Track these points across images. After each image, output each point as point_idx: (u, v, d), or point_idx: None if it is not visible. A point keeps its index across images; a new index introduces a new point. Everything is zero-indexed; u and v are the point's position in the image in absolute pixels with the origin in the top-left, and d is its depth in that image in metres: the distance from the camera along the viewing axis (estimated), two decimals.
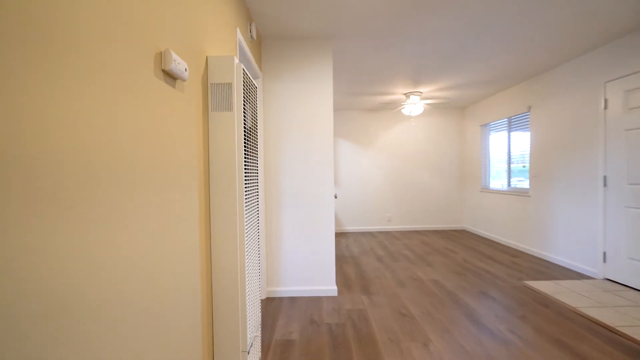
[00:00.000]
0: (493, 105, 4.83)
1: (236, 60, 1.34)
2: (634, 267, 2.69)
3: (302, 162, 2.73)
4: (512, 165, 4.55)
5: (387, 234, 5.52)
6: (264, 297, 2.71)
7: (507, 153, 4.61)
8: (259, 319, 1.78)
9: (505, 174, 4.70)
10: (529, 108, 4.00)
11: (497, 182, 4.91)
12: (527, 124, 4.10)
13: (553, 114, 3.61)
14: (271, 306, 2.55)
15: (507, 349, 1.87)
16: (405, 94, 4.66)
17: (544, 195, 3.76)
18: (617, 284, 2.83)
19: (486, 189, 5.04)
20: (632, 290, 2.69)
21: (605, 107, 2.94)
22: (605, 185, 2.95)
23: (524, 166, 4.29)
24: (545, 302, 2.53)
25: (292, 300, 2.66)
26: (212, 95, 1.32)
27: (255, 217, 1.66)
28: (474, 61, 3.37)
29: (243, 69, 1.37)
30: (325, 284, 2.76)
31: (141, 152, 0.82)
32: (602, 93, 2.97)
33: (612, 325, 2.09)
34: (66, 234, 0.57)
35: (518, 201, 4.25)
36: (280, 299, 2.69)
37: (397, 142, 5.80)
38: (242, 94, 1.36)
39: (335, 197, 3.05)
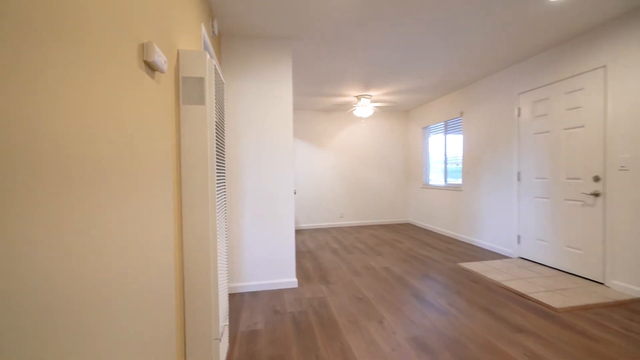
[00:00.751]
0: (432, 109, 5.39)
1: (208, 56, 1.38)
2: (540, 246, 3.29)
3: (264, 159, 2.79)
4: (448, 166, 5.13)
5: (340, 229, 5.78)
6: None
7: (444, 153, 5.19)
8: (227, 310, 1.82)
9: (442, 172, 5.27)
10: (461, 113, 4.58)
11: (436, 179, 5.49)
12: (460, 127, 4.67)
13: (480, 119, 4.19)
14: (233, 301, 2.56)
15: (446, 318, 2.18)
16: (357, 96, 4.95)
17: (473, 189, 4.34)
18: (528, 261, 3.42)
19: (427, 186, 5.59)
20: (539, 265, 3.28)
21: (519, 115, 3.54)
22: (519, 179, 3.55)
23: (457, 165, 4.87)
24: (476, 279, 2.96)
25: (254, 294, 2.70)
26: (184, 88, 1.35)
27: (224, 211, 1.70)
28: (417, 70, 3.76)
29: (215, 65, 1.42)
30: (286, 277, 2.85)
31: (120, 142, 0.85)
32: (516, 103, 3.56)
33: (524, 292, 2.55)
34: (31, 230, 0.51)
35: (453, 196, 4.82)
36: (242, 294, 2.72)
37: (349, 142, 6.11)
38: (214, 89, 1.41)
39: (295, 192, 3.16)
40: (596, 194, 2.70)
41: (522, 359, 1.70)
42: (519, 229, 3.55)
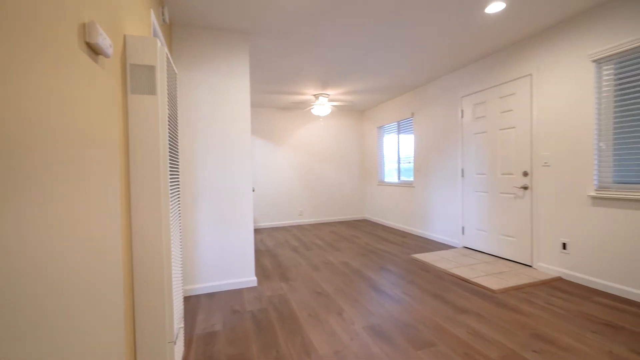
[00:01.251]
0: (386, 110, 5.65)
1: (159, 44, 1.31)
2: (480, 236, 3.63)
3: (221, 156, 2.70)
4: (401, 164, 5.42)
5: (299, 227, 5.80)
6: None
7: (397, 151, 5.47)
8: (182, 312, 1.74)
9: (396, 170, 5.56)
10: (412, 114, 4.87)
11: (391, 176, 5.77)
12: (412, 127, 4.96)
13: (429, 120, 4.49)
14: (189, 304, 2.45)
15: (400, 306, 2.32)
16: (314, 95, 5.01)
17: (424, 186, 4.64)
18: (471, 250, 3.76)
19: (382, 183, 5.85)
20: (480, 252, 3.62)
21: (462, 116, 3.87)
22: (463, 176, 3.88)
23: (409, 163, 5.17)
24: (427, 269, 3.17)
25: (211, 295, 2.61)
26: (132, 76, 1.26)
27: (177, 209, 1.62)
28: (371, 71, 3.92)
29: (166, 53, 1.35)
30: (245, 276, 2.80)
31: (58, 131, 0.78)
32: (459, 105, 3.89)
33: (467, 277, 2.80)
34: None
35: (406, 192, 5.11)
36: (198, 296, 2.61)
37: (308, 141, 6.15)
38: (166, 79, 1.34)
39: (253, 190, 3.11)
40: (525, 188, 3.07)
41: (465, 337, 1.87)
42: (463, 221, 3.88)
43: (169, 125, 1.41)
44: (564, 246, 2.74)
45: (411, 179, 5.10)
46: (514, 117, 3.17)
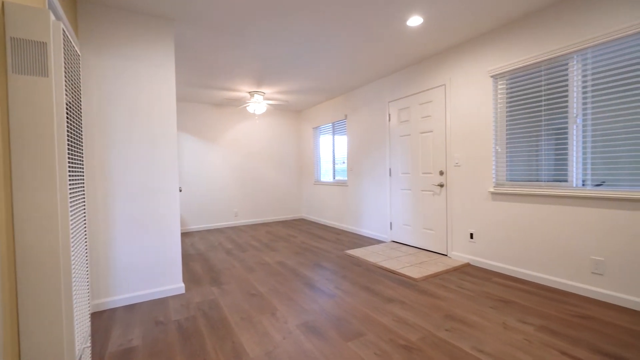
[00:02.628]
0: (322, 111, 5.79)
1: (53, 16, 1.12)
2: (406, 230, 3.96)
3: (141, 152, 2.43)
4: (336, 164, 5.61)
5: (234, 228, 5.58)
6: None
7: (332, 151, 5.65)
8: (89, 329, 1.51)
9: (331, 168, 5.73)
10: (346, 116, 5.08)
11: (327, 175, 5.92)
12: (345, 129, 5.17)
13: (361, 122, 4.74)
14: (100, 320, 2.15)
15: (333, 300, 2.39)
16: (250, 92, 4.87)
17: (356, 184, 4.88)
18: (398, 243, 4.07)
19: (318, 182, 5.98)
20: (406, 245, 3.95)
21: (389, 120, 4.17)
22: (390, 175, 4.19)
23: (343, 163, 5.38)
24: (358, 263, 3.34)
25: (130, 308, 2.33)
26: (14, 52, 1.05)
27: (82, 212, 1.40)
28: (306, 72, 3.97)
29: (63, 29, 1.16)
30: (170, 283, 2.57)
31: None
32: (387, 109, 4.19)
33: (394, 269, 3.03)
34: None
35: (340, 191, 5.30)
36: (113, 310, 2.31)
37: (244, 139, 5.95)
38: (63, 59, 1.15)
39: (180, 190, 2.88)
40: (441, 185, 3.44)
41: (390, 324, 2.02)
42: (391, 216, 4.19)
43: (69, 115, 1.21)
44: (471, 236, 3.16)
45: (345, 178, 5.31)
46: (432, 122, 3.54)
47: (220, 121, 5.71)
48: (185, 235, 5.10)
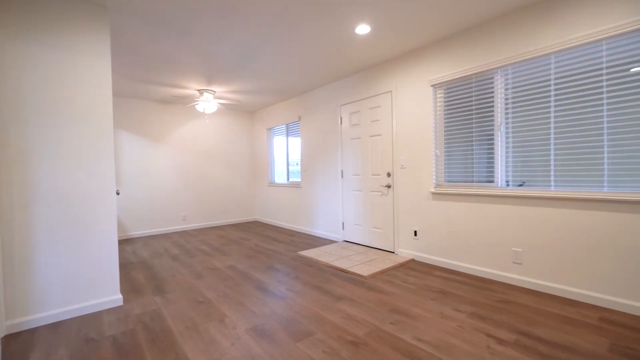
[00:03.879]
0: (275, 112, 5.75)
1: None
2: (357, 230, 4.11)
3: (71, 150, 2.19)
4: (290, 166, 5.61)
5: (183, 233, 5.28)
6: (1, 334, 1.96)
7: (286, 153, 5.64)
8: None
9: (285, 170, 5.72)
10: (300, 118, 5.11)
11: (281, 177, 5.89)
12: (299, 131, 5.20)
13: (314, 124, 4.81)
14: (15, 343, 1.89)
15: (284, 302, 2.40)
16: (199, 90, 4.66)
17: (310, 186, 4.93)
18: (350, 243, 4.20)
19: (272, 184, 5.92)
20: (357, 244, 4.09)
21: (341, 123, 4.30)
22: (342, 176, 4.31)
23: (297, 164, 5.41)
24: (311, 264, 3.38)
25: (55, 326, 2.09)
26: None
27: None
28: (258, 73, 3.92)
29: None
30: (105, 296, 2.36)
31: None
32: (339, 112, 4.31)
33: (345, 268, 3.13)
34: None
35: (294, 192, 5.32)
36: (33, 330, 2.04)
37: (193, 139, 5.66)
38: None
39: (118, 193, 2.65)
40: (388, 186, 3.64)
41: (340, 321, 2.08)
42: (343, 217, 4.31)
43: None
44: (415, 233, 3.38)
45: (299, 179, 5.34)
46: (380, 126, 3.72)
47: (167, 119, 5.37)
48: (126, 242, 4.70)
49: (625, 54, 2.07)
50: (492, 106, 2.75)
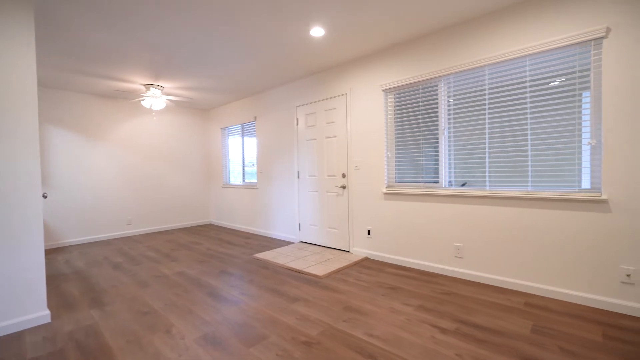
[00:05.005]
0: (230, 111, 5.57)
1: None
2: (313, 230, 4.14)
3: None
4: (245, 167, 5.47)
5: (127, 239, 4.87)
6: None
7: (242, 153, 5.50)
8: None
9: (241, 171, 5.56)
10: (255, 118, 5.01)
11: (236, 178, 5.72)
12: (255, 131, 5.10)
13: (270, 125, 4.75)
14: None
15: (237, 307, 2.33)
16: (145, 85, 4.34)
17: (266, 187, 4.86)
18: (306, 243, 4.22)
19: (227, 185, 5.73)
20: (313, 245, 4.12)
21: (297, 124, 4.30)
22: (298, 177, 4.32)
23: (253, 165, 5.30)
24: (266, 266, 3.33)
25: None
26: None
27: None
28: (211, 70, 3.76)
29: None
30: (28, 313, 2.08)
31: None
32: (295, 113, 4.31)
33: (300, 269, 3.13)
34: None
35: (250, 193, 5.20)
36: None
37: (139, 137, 5.25)
38: None
39: (45, 196, 2.37)
40: (343, 187, 3.72)
41: (294, 323, 2.08)
42: (300, 217, 4.32)
43: None
44: (369, 232, 3.50)
45: (255, 180, 5.23)
46: (336, 127, 3.80)
47: (109, 115, 4.92)
48: (57, 251, 4.21)
49: (545, 69, 2.35)
50: (437, 112, 2.95)
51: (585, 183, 2.22)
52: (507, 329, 1.93)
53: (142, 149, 5.30)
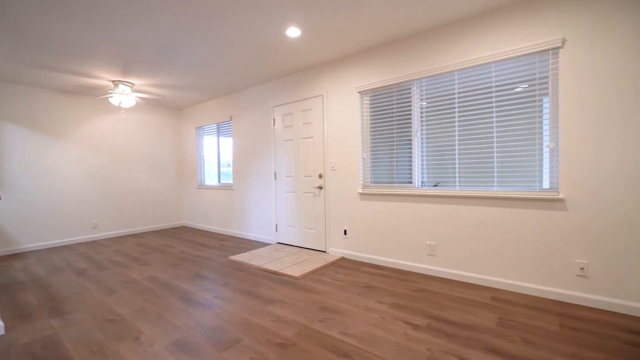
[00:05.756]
0: (206, 110, 5.44)
1: None
2: (290, 231, 4.12)
3: None
4: (221, 167, 5.36)
5: (93, 243, 4.62)
6: None
7: (217, 153, 5.38)
8: None
9: (216, 171, 5.44)
10: (231, 118, 4.92)
11: (211, 179, 5.58)
12: (231, 131, 5.00)
13: (246, 125, 4.68)
14: None
15: (211, 311, 2.27)
16: (113, 81, 4.14)
17: (243, 188, 4.78)
18: (283, 245, 4.19)
19: (202, 186, 5.58)
20: (290, 246, 4.10)
21: (274, 124, 4.27)
22: (275, 178, 4.28)
23: (229, 166, 5.19)
24: (242, 268, 3.27)
25: None
26: None
27: None
28: (185, 68, 3.65)
29: None
30: None
31: None
32: (272, 114, 4.27)
33: (276, 270, 3.11)
34: None
35: (226, 194, 5.09)
36: None
37: (106, 136, 4.99)
38: None
39: None
40: (320, 187, 3.74)
41: (269, 325, 2.06)
42: (277, 218, 4.28)
43: None
44: (345, 232, 3.54)
45: (231, 181, 5.13)
46: (313, 128, 3.81)
47: (72, 113, 4.64)
48: (14, 257, 3.91)
49: (509, 75, 2.49)
50: (410, 114, 3.04)
51: (546, 183, 2.37)
52: (475, 322, 2.02)
53: (111, 148, 5.05)
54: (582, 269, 2.21)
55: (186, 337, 1.92)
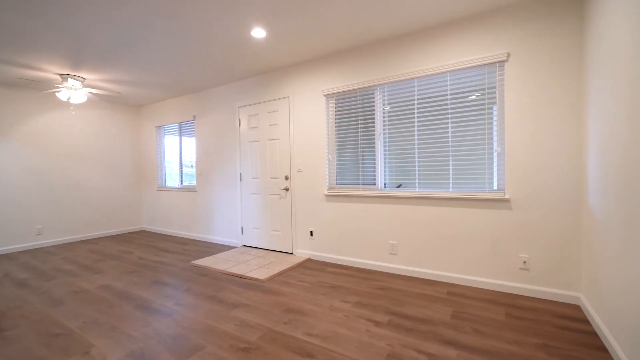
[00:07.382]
0: (167, 109, 5.20)
1: None
2: (256, 233, 4.07)
3: None
4: (184, 170, 5.15)
5: (37, 251, 4.21)
6: None
7: (179, 154, 5.16)
8: None
9: (178, 173, 5.22)
10: (195, 117, 4.76)
11: (173, 180, 5.34)
12: (194, 131, 4.83)
13: (210, 125, 4.55)
14: None
15: (171, 319, 2.18)
16: (61, 75, 3.82)
17: (207, 190, 4.64)
18: (249, 247, 4.13)
19: (163, 188, 5.32)
20: (256, 248, 4.05)
21: (240, 125, 4.19)
22: (241, 180, 4.21)
23: (192, 167, 5.01)
24: (205, 273, 3.17)
25: None
26: None
27: None
28: (143, 64, 3.47)
29: None
30: None
31: None
32: (237, 114, 4.20)
33: (242, 273, 3.06)
34: None
35: (189, 197, 4.90)
36: None
37: (54, 133, 4.58)
38: None
39: None
40: (286, 189, 3.74)
41: (233, 329, 2.02)
42: (242, 221, 4.21)
43: None
44: (311, 234, 3.57)
45: (194, 183, 4.95)
46: (279, 130, 3.80)
47: (12, 107, 4.21)
48: None
49: (463, 85, 2.67)
50: (374, 118, 3.14)
51: (495, 185, 2.57)
52: (432, 316, 2.14)
53: (59, 147, 4.65)
54: (524, 262, 2.43)
55: (143, 348, 1.82)
